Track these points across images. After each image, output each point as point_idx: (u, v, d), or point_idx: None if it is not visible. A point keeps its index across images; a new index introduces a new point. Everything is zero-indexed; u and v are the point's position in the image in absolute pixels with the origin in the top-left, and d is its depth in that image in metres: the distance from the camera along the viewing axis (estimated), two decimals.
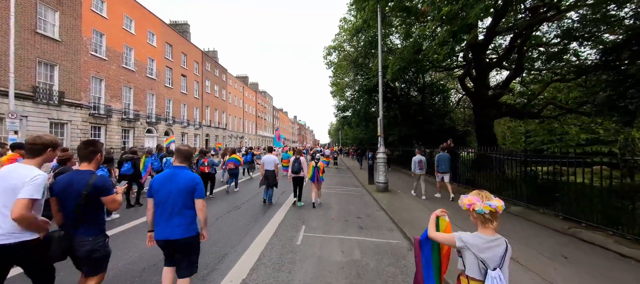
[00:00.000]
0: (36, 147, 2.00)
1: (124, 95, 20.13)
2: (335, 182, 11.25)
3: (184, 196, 2.23)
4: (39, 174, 1.90)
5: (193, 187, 2.25)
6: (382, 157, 8.65)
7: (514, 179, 6.63)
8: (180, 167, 2.35)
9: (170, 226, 2.20)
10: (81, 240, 2.04)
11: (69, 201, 2.04)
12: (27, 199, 1.79)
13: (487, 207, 1.59)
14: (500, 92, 10.36)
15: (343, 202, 7.20)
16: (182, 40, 28.14)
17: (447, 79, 16.56)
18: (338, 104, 28.31)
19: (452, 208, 4.58)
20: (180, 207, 2.22)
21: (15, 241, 1.82)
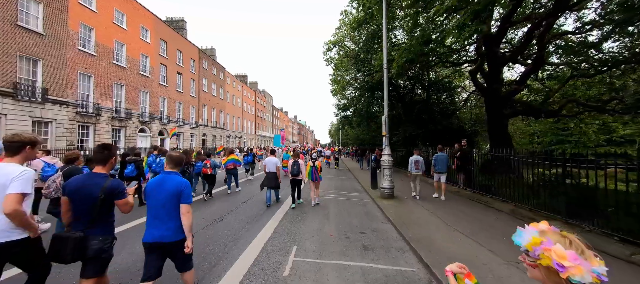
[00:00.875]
0: (14, 145, 2.00)
1: (114, 93, 19.26)
2: (335, 186, 10.33)
3: (171, 200, 2.28)
4: (26, 169, 1.92)
5: (179, 192, 2.29)
6: (388, 159, 7.73)
7: (537, 186, 5.72)
8: (170, 172, 2.41)
9: (159, 229, 2.24)
10: (93, 239, 2.09)
11: (82, 203, 2.08)
12: (18, 193, 1.81)
13: (595, 279, 0.83)
14: (516, 88, 9.42)
15: (343, 212, 6.28)
16: (178, 37, 27.28)
17: (454, 76, 15.62)
18: (338, 103, 27.45)
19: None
20: (169, 211, 2.28)
21: (6, 241, 1.84)
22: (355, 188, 10.11)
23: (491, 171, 7.57)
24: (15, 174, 1.84)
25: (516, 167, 6.82)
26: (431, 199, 7.45)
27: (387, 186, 7.65)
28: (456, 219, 5.42)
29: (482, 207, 6.36)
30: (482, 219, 5.35)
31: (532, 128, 17.28)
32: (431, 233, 4.59)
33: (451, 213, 5.91)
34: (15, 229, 1.87)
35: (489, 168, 7.65)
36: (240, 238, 4.39)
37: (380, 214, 6.25)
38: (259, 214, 5.97)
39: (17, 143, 2.01)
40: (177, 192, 2.29)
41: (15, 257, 1.95)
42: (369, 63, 13.46)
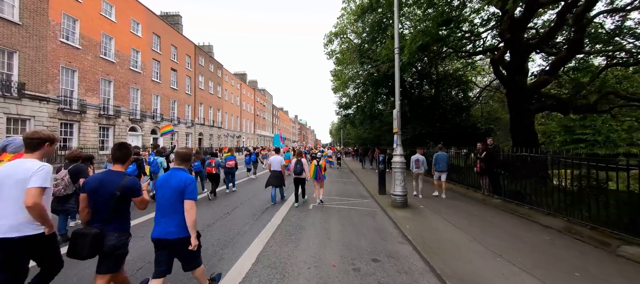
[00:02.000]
0: (34, 142, 2.05)
1: (102, 89, 18.10)
2: (337, 191, 9.11)
3: (176, 196, 2.27)
4: (44, 165, 1.98)
5: (184, 188, 2.27)
6: (400, 161, 6.50)
7: (586, 194, 4.51)
8: (177, 169, 2.41)
9: (166, 225, 2.24)
10: (109, 235, 2.11)
11: (100, 200, 2.12)
12: (38, 187, 1.88)
13: None
14: (545, 79, 8.17)
15: (348, 227, 5.06)
16: (172, 32, 26.11)
17: (467, 69, 14.35)
18: (340, 101, 26.23)
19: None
20: (173, 207, 2.27)
21: (22, 235, 1.88)
22: (361, 194, 8.88)
23: (521, 176, 6.32)
24: (35, 169, 1.91)
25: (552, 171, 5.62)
26: (451, 207, 6.25)
27: (399, 192, 6.42)
28: (498, 240, 4.19)
29: (524, 223, 5.11)
30: (535, 243, 4.10)
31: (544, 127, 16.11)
32: (474, 265, 3.34)
33: (488, 231, 4.66)
34: (31, 224, 1.91)
35: (517, 172, 6.39)
36: (216, 261, 3.18)
37: (394, 229, 5.02)
38: (242, 231, 4.74)
39: (36, 139, 2.06)
40: (181, 188, 2.26)
41: (31, 252, 1.97)
42: (374, 54, 12.24)
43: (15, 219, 1.87)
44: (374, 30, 12.21)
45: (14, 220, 1.87)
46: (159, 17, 24.48)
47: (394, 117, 6.79)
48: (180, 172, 2.38)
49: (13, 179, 1.89)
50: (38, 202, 1.84)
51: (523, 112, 8.71)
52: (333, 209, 6.39)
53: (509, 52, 9.11)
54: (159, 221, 2.28)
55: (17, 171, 1.92)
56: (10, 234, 1.85)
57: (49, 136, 2.14)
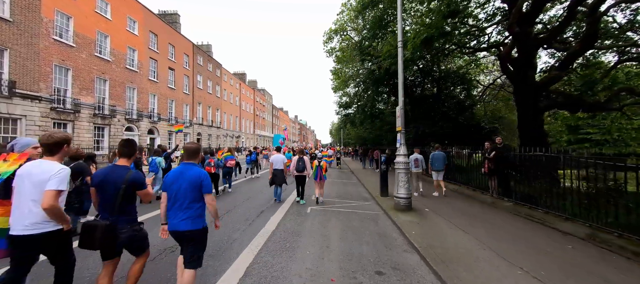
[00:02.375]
0: (50, 145, 2.08)
1: (97, 88, 17.71)
2: (337, 193, 8.71)
3: (191, 191, 2.34)
4: (63, 168, 2.02)
5: (199, 183, 2.35)
6: (404, 161, 6.09)
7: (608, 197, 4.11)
8: (188, 164, 2.46)
9: (178, 218, 2.32)
10: (121, 228, 2.21)
11: (107, 193, 2.21)
12: (55, 190, 1.92)
13: None
14: (555, 75, 7.77)
15: (349, 233, 4.66)
16: (170, 30, 25.75)
17: (470, 67, 13.94)
18: (340, 101, 25.87)
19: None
20: (188, 201, 2.34)
21: (41, 232, 1.95)
22: (362, 195, 8.47)
23: (533, 177, 5.91)
24: (54, 172, 1.94)
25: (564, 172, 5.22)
26: (458, 209, 5.85)
27: (403, 194, 6.01)
28: (515, 249, 3.79)
29: (540, 229, 4.70)
30: (557, 253, 3.69)
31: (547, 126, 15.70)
32: (493, 280, 2.94)
33: (503, 239, 4.26)
34: (49, 221, 1.96)
35: (529, 173, 5.99)
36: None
37: (398, 235, 4.61)
38: (232, 239, 4.34)
39: (53, 142, 2.08)
40: (197, 184, 2.34)
41: (47, 248, 2.02)
42: (375, 50, 11.84)
43: (34, 218, 1.92)
44: (375, 27, 11.82)
45: (33, 218, 1.92)
46: (156, 15, 24.12)
47: (397, 115, 6.38)
48: (193, 167, 2.45)
49: (31, 179, 1.94)
50: (54, 205, 1.90)
51: (532, 110, 8.32)
52: (332, 213, 5.99)
53: (516, 48, 8.71)
54: (173, 214, 2.36)
55: (34, 172, 1.96)
56: (29, 231, 1.91)
57: (65, 136, 2.17)
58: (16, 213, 1.93)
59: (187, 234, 2.33)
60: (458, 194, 7.97)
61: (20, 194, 1.94)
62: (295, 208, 6.37)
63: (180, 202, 2.33)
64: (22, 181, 1.95)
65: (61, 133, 2.16)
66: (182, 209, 2.32)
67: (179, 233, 2.33)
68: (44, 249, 2.02)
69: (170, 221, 2.37)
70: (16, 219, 1.92)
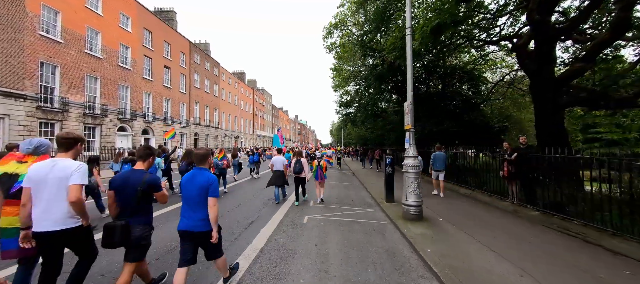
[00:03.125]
0: (69, 141, 2.19)
1: (87, 86, 17.00)
2: (337, 197, 7.96)
3: (200, 194, 2.46)
4: (81, 163, 2.15)
5: (207, 186, 2.47)
6: (414, 164, 5.35)
7: None
8: (199, 168, 2.60)
9: (191, 219, 2.45)
10: (134, 227, 2.33)
11: (126, 195, 2.35)
12: (79, 184, 2.04)
13: None
14: (580, 67, 7.01)
15: (351, 252, 3.92)
16: (165, 27, 25.03)
17: (478, 62, 13.18)
18: (340, 99, 25.16)
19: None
20: (199, 204, 2.46)
21: (67, 227, 2.06)
22: (365, 200, 7.72)
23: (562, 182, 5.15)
24: (74, 168, 2.06)
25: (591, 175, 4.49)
26: (476, 219, 5.11)
27: (413, 202, 5.27)
28: (561, 276, 3.03)
29: (583, 246, 3.92)
30: (614, 281, 2.94)
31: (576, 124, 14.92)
32: None
33: (540, 260, 3.50)
34: (71, 217, 2.07)
35: (557, 177, 5.23)
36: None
37: (411, 254, 3.87)
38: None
39: (71, 139, 2.20)
40: (205, 187, 2.46)
41: (70, 243, 2.14)
42: (378, 44, 11.10)
43: (58, 214, 2.00)
44: (378, 19, 11.07)
45: (58, 215, 2.00)
46: (151, 12, 23.40)
47: (406, 111, 5.63)
48: (203, 171, 2.57)
49: (53, 176, 2.00)
50: (80, 198, 2.01)
51: (551, 106, 7.55)
52: (332, 223, 5.24)
53: (534, 39, 7.96)
54: (185, 215, 2.48)
55: (55, 169, 2.03)
56: (54, 227, 1.99)
57: (80, 136, 2.28)
58: (38, 211, 1.98)
59: (199, 235, 2.45)
60: (472, 199, 7.21)
61: (41, 191, 1.98)
62: (291, 217, 5.64)
63: (192, 204, 2.46)
64: (43, 180, 1.98)
65: (78, 132, 2.17)
66: (195, 211, 2.45)
67: (193, 234, 2.44)
68: (71, 243, 2.13)
69: (182, 221, 2.49)
70: (40, 216, 1.97)
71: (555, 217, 4.77)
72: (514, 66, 14.28)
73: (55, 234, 1.99)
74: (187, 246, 2.46)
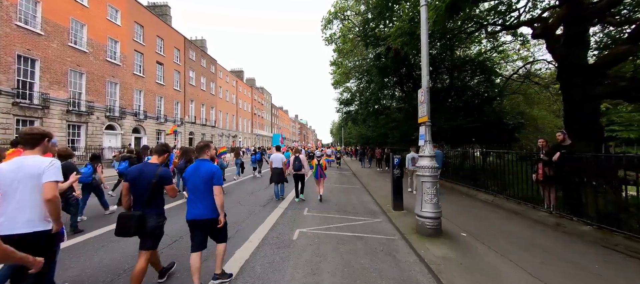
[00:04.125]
0: (34, 138, 2.04)
1: (71, 81, 16.00)
2: (337, 203, 6.91)
3: (205, 183, 2.61)
4: (53, 160, 2.01)
5: (211, 176, 2.62)
6: (430, 166, 4.29)
7: None
8: (202, 159, 2.75)
9: (198, 208, 2.60)
10: (149, 217, 2.47)
11: (139, 186, 2.48)
12: (53, 181, 1.93)
13: None
14: (625, 49, 5.93)
15: (356, 280, 2.86)
16: (158, 22, 24.01)
17: (491, 53, 12.08)
18: (340, 97, 24.11)
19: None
20: (204, 193, 2.61)
21: (33, 230, 1.90)
22: (368, 208, 6.67)
23: (618, 188, 4.09)
24: (47, 164, 1.94)
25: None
26: (510, 236, 4.07)
27: (430, 213, 4.20)
28: None
29: None
30: None
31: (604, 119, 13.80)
32: None
33: None
34: (43, 220, 1.93)
35: (613, 183, 4.16)
36: None
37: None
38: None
39: (37, 135, 2.06)
40: (209, 177, 2.60)
41: (35, 248, 1.86)
42: (382, 32, 10.05)
43: (29, 214, 1.88)
44: (382, 4, 9.99)
45: (29, 215, 1.88)
46: (143, 6, 22.36)
47: (421, 100, 4.56)
48: (205, 162, 2.72)
49: (23, 174, 1.88)
50: (56, 195, 1.92)
51: (583, 98, 6.48)
52: (329, 241, 4.18)
53: (563, 21, 6.88)
54: (192, 205, 2.63)
55: (24, 167, 1.90)
56: (25, 229, 1.87)
57: (45, 132, 2.16)
58: (9, 212, 1.84)
59: (206, 222, 2.61)
60: (495, 207, 6.14)
61: (13, 192, 1.85)
62: (279, 231, 4.60)
63: (197, 194, 2.60)
64: (13, 179, 1.86)
65: (42, 128, 2.22)
66: (201, 200, 2.59)
67: (198, 221, 2.60)
68: (33, 249, 1.76)
69: (189, 210, 2.63)
70: (10, 218, 1.84)
71: (618, 234, 3.70)
72: (528, 59, 13.19)
73: (26, 237, 1.84)
74: (197, 234, 2.63)
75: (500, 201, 6.16)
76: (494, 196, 6.46)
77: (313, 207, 6.43)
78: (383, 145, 21.15)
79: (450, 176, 9.50)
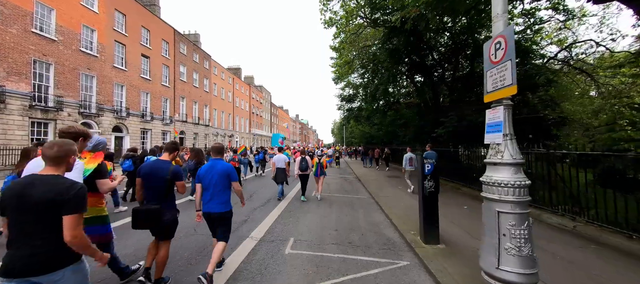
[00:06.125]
0: (70, 135, 2.11)
1: (35, 73, 14.07)
2: (336, 229, 4.84)
3: (222, 180, 2.90)
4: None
5: (228, 173, 2.94)
6: (515, 183, 2.21)
7: None
8: (216, 159, 3.01)
9: (212, 203, 2.89)
10: (164, 212, 2.62)
11: (153, 182, 2.65)
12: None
13: None
14: None
15: None
16: (143, 11, 22.08)
17: (525, 33, 9.93)
18: (342, 93, 22.07)
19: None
20: (220, 189, 2.90)
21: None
22: (382, 235, 4.59)
23: None
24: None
25: None
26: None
27: (517, 274, 2.12)
28: None
29: None
30: None
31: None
32: None
33: None
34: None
35: None
36: None
37: None
38: None
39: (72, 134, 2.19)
40: (226, 174, 2.91)
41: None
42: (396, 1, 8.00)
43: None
44: None
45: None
46: None
47: (490, 58, 2.47)
48: (220, 161, 2.99)
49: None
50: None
51: None
52: None
53: None
54: (206, 200, 2.90)
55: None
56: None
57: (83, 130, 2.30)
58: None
59: (218, 216, 2.89)
60: (584, 240, 4.04)
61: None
62: None
63: (213, 190, 2.86)
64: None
65: (81, 127, 2.36)
66: (215, 196, 2.87)
67: (212, 215, 2.88)
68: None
69: (205, 205, 2.91)
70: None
71: None
72: (566, 41, 11.04)
73: None
74: (213, 225, 2.96)
75: (587, 230, 4.04)
76: (560, 215, 4.34)
77: (302, 237, 4.37)
78: (389, 145, 19.07)
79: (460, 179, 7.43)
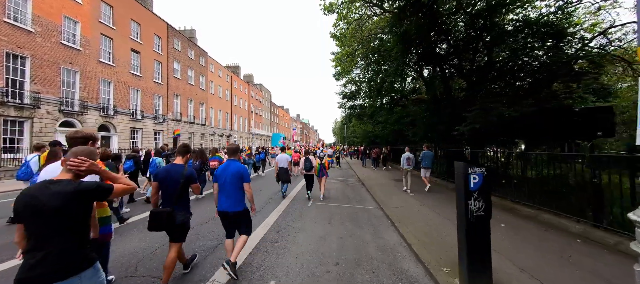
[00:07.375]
0: (78, 140, 2.13)
1: (9, 67, 12.87)
2: (338, 258, 3.56)
3: (235, 180, 3.01)
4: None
5: (241, 174, 3.05)
6: None
7: None
8: (231, 160, 3.16)
9: (227, 202, 3.00)
10: (178, 214, 2.71)
11: (168, 185, 2.73)
12: None
13: None
14: None
15: None
16: (132, 3, 20.85)
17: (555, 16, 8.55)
18: (343, 90, 20.75)
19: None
20: (233, 189, 3.00)
21: None
22: (401, 270, 3.30)
23: None
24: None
25: None
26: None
27: None
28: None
29: None
30: None
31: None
32: None
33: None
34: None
35: None
36: None
37: None
38: None
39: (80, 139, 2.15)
40: (239, 175, 3.02)
41: None
42: None
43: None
44: None
45: None
46: None
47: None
48: (235, 162, 3.12)
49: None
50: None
51: None
52: None
53: None
54: (222, 199, 3.02)
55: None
56: None
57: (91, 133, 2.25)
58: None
59: (234, 214, 3.00)
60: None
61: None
62: None
63: (227, 190, 2.98)
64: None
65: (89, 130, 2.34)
66: (229, 196, 2.98)
67: (228, 213, 3.00)
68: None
69: (220, 204, 3.01)
70: None
71: None
72: (601, 23, 9.65)
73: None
74: (227, 224, 3.09)
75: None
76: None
77: (287, 279, 3.10)
78: (394, 144, 17.73)
79: (528, 195, 5.98)
